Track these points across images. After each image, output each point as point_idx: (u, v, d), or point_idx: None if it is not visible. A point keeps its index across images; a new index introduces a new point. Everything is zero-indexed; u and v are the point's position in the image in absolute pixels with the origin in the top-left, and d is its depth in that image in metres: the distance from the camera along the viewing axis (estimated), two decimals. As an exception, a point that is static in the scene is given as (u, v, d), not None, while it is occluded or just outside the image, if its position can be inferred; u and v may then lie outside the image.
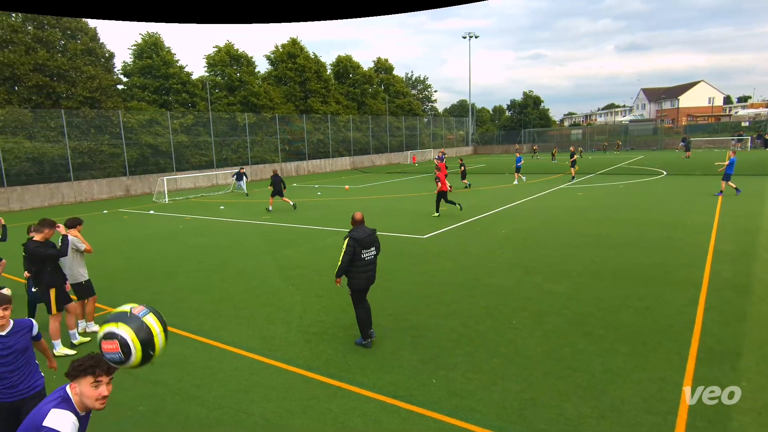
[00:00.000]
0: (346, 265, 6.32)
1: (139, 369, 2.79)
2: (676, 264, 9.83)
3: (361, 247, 6.33)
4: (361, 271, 6.37)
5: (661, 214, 15.33)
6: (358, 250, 6.30)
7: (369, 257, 6.43)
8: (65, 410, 2.50)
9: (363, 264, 6.36)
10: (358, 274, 6.37)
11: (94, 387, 2.60)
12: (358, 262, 6.33)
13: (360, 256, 6.32)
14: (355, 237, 6.31)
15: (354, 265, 6.33)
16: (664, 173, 29.06)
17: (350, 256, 6.28)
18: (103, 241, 14.78)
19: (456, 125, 73.70)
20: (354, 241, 6.29)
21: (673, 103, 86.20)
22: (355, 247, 6.28)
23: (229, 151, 37.73)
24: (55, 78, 29.44)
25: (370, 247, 6.44)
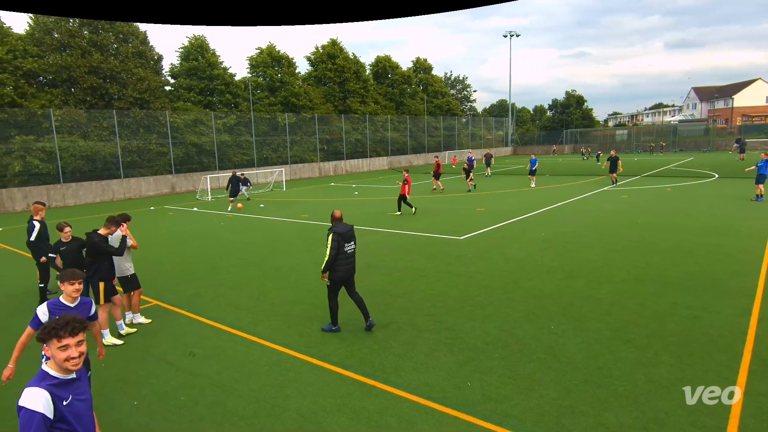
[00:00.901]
0: (333, 258, 6.84)
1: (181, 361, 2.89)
2: (727, 272, 9.35)
3: (344, 241, 6.90)
4: (343, 264, 6.92)
5: (712, 219, 14.63)
6: (342, 243, 6.85)
7: (350, 250, 7.02)
8: (36, 387, 2.60)
9: (346, 257, 6.94)
10: (341, 266, 6.91)
11: (62, 350, 2.65)
12: (341, 255, 6.89)
13: (343, 250, 6.88)
14: (338, 232, 6.88)
15: (338, 258, 6.87)
16: (715, 176, 27.72)
17: (336, 250, 6.82)
18: (149, 237, 15.39)
19: (495, 125, 72.67)
20: (338, 236, 6.84)
21: (726, 103, 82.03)
22: (339, 241, 6.83)
23: (270, 150, 38.52)
24: (108, 80, 30.85)
25: (350, 240, 7.02)
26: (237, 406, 5.27)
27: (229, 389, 5.64)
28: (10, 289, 10.21)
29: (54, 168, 26.49)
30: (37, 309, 4.35)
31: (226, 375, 5.99)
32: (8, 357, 6.61)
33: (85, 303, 4.53)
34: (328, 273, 6.95)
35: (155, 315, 8.24)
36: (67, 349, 2.65)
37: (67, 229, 7.54)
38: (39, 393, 2.56)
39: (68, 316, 2.74)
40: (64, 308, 4.36)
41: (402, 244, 12.86)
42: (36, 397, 2.54)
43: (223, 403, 5.33)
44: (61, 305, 4.37)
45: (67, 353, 2.65)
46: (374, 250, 12.36)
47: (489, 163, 34.11)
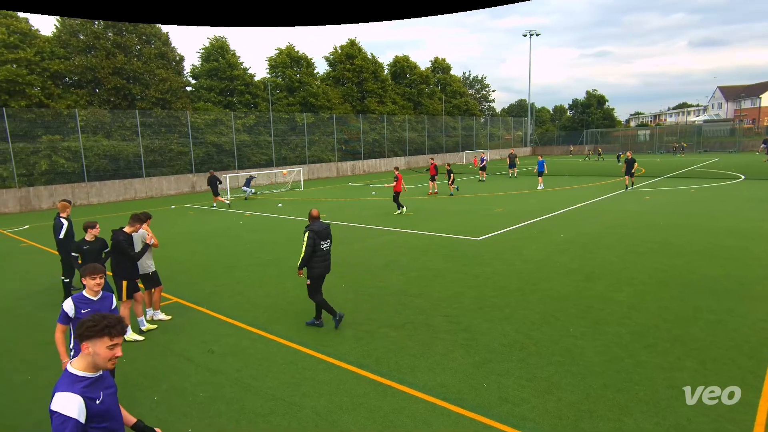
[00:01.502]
0: (309, 255, 7.01)
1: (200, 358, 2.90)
2: (754, 276, 9.11)
3: (320, 239, 7.07)
4: (320, 261, 7.11)
5: (738, 222, 14.27)
6: (317, 241, 7.03)
7: (326, 248, 7.18)
8: (69, 392, 2.57)
9: (322, 254, 7.12)
10: (318, 263, 7.11)
11: (110, 348, 2.67)
12: (318, 253, 7.08)
13: (319, 247, 7.06)
14: (314, 230, 7.05)
15: (314, 255, 7.06)
16: (741, 177, 27.03)
17: (312, 248, 7.00)
18: (169, 235, 15.64)
19: (514, 125, 72.02)
20: (314, 234, 7.01)
21: (753, 102, 79.93)
22: (314, 239, 7.00)
23: (288, 150, 38.82)
24: (131, 81, 31.46)
25: (326, 238, 7.18)
26: (254, 403, 5.32)
27: (247, 386, 5.70)
28: (36, 285, 10.49)
29: (79, 167, 27.13)
30: (63, 304, 4.47)
31: (244, 372, 6.05)
32: (40, 350, 6.79)
33: (107, 297, 4.66)
34: (306, 271, 7.17)
35: (175, 312, 8.38)
36: (115, 348, 2.67)
37: (92, 230, 7.51)
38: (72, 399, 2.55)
39: (116, 316, 2.74)
40: (88, 302, 4.49)
41: (418, 245, 12.84)
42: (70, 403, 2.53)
43: (241, 400, 5.39)
44: (86, 299, 4.50)
45: (113, 352, 2.67)
46: (391, 250, 12.36)
47: (514, 163, 33.39)
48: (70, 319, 4.46)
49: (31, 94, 26.78)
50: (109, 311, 4.58)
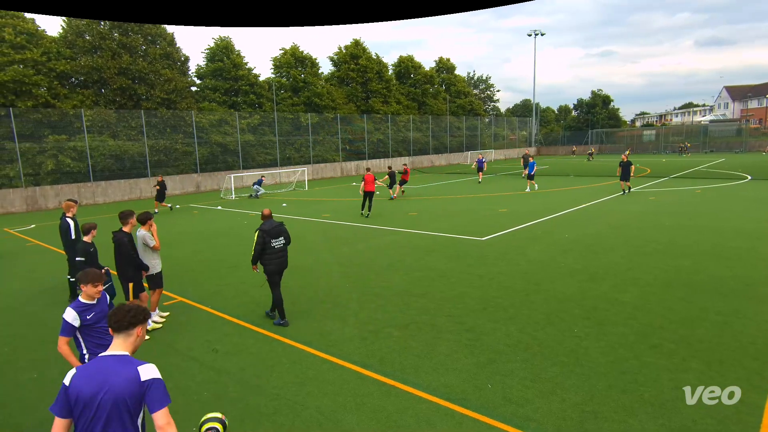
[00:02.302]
0: (258, 253, 7.37)
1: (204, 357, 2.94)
2: (761, 277, 9.05)
3: (270, 237, 7.37)
4: (272, 258, 7.41)
5: (744, 222, 14.18)
6: (267, 239, 7.34)
7: (278, 245, 7.46)
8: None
9: (273, 251, 7.41)
10: (270, 260, 7.41)
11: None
12: (269, 250, 7.37)
13: (270, 245, 7.35)
14: (264, 229, 7.37)
15: (266, 252, 7.36)
16: (748, 178, 26.86)
17: (261, 246, 7.33)
18: (174, 235, 15.70)
19: (519, 125, 71.85)
20: (263, 233, 7.33)
21: (761, 102, 79.43)
22: (264, 237, 7.32)
23: (293, 150, 38.89)
24: (137, 81, 31.59)
25: (278, 236, 7.47)
26: (259, 402, 5.33)
27: (251, 386, 5.71)
28: (42, 284, 10.55)
29: (84, 166, 27.27)
30: (65, 316, 4.40)
31: (248, 372, 6.07)
32: (47, 348, 6.83)
33: (103, 297, 4.70)
34: (262, 267, 7.49)
35: (179, 311, 8.40)
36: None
37: (94, 232, 7.57)
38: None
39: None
40: (89, 307, 4.51)
41: (422, 245, 12.83)
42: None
43: (245, 400, 5.40)
44: (86, 305, 4.50)
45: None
46: (395, 250, 12.36)
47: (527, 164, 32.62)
48: (75, 330, 4.42)
49: (37, 94, 26.93)
50: (109, 309, 4.67)
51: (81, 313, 4.44)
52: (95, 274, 4.56)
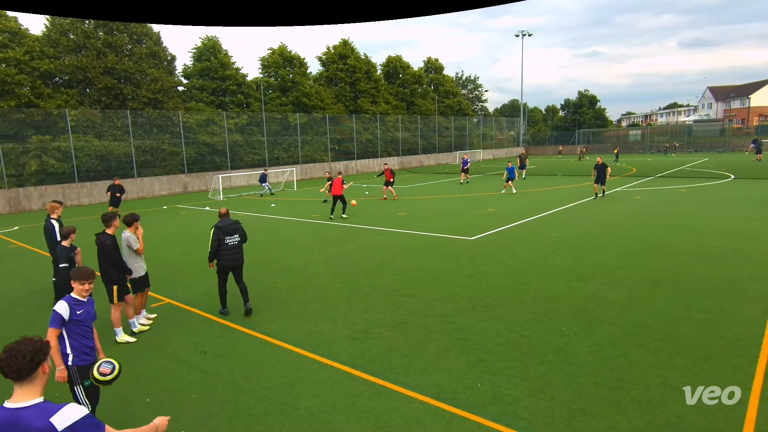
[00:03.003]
0: (215, 250, 7.73)
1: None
2: (745, 276, 9.20)
3: (225, 234, 7.73)
4: (227, 254, 7.77)
5: (728, 221, 14.41)
6: (222, 236, 7.71)
7: (232, 243, 7.80)
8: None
9: (227, 248, 7.76)
10: (224, 256, 7.77)
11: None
12: (224, 247, 7.74)
13: (225, 242, 7.71)
14: (218, 226, 7.75)
15: (221, 249, 7.73)
16: (731, 177, 27.30)
17: (217, 243, 7.70)
18: (161, 236, 15.55)
19: (507, 125, 72.27)
20: (218, 230, 7.71)
21: (743, 102, 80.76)
22: (219, 234, 7.70)
23: (281, 150, 38.72)
24: (123, 80, 31.23)
25: (233, 234, 7.80)
26: (248, 404, 5.30)
27: (240, 387, 5.67)
28: (29, 286, 10.38)
29: (69, 167, 26.88)
30: (56, 307, 4.41)
31: (237, 373, 6.03)
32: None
33: (92, 300, 4.74)
34: (217, 261, 7.81)
35: (168, 313, 8.32)
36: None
37: (73, 236, 7.43)
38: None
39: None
40: (80, 303, 4.55)
41: (413, 245, 12.85)
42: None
43: (234, 401, 5.37)
44: (78, 300, 4.55)
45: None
46: (385, 250, 12.37)
47: (524, 164, 31.86)
48: (65, 323, 4.42)
49: (20, 93, 26.50)
50: (95, 314, 4.74)
51: (72, 307, 4.46)
52: (85, 272, 4.58)
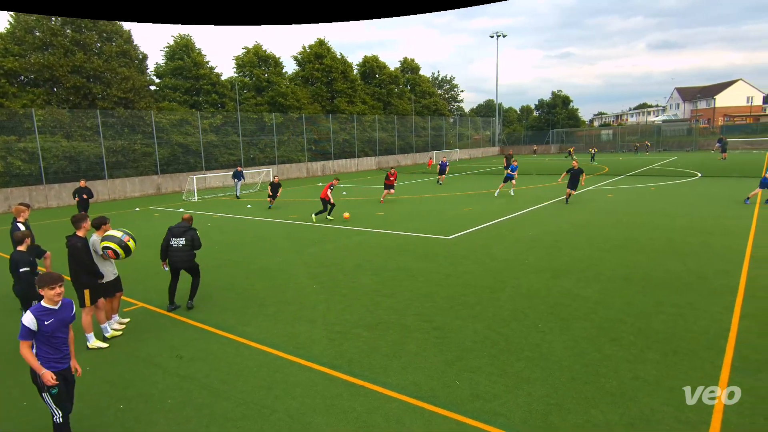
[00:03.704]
0: (163, 249, 8.27)
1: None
2: (712, 270, 9.51)
3: (172, 236, 8.25)
4: (173, 255, 8.24)
5: (696, 218, 14.87)
6: (168, 237, 8.26)
7: (176, 245, 8.24)
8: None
9: (172, 250, 8.24)
10: (171, 257, 8.26)
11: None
12: (170, 248, 8.24)
13: (169, 243, 8.23)
14: (170, 228, 8.34)
15: (169, 249, 8.25)
16: (698, 175, 28.17)
17: (165, 243, 8.27)
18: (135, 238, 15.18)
19: (482, 125, 73.04)
20: (168, 231, 8.30)
21: (708, 103, 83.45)
22: (168, 235, 8.28)
23: (257, 150, 38.30)
24: (92, 79, 30.41)
25: (179, 237, 8.24)
26: (225, 408, 5.23)
27: (217, 391, 5.59)
28: (-8, 292, 10.01)
29: (36, 168, 26.05)
30: (23, 319, 4.17)
31: (214, 377, 5.94)
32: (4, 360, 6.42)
33: (66, 304, 4.46)
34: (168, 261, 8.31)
35: (142, 317, 8.14)
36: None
37: (28, 241, 7.24)
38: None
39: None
40: (49, 312, 4.28)
41: (391, 245, 12.87)
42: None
43: (211, 406, 5.29)
44: (47, 309, 4.28)
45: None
46: (363, 250, 12.36)
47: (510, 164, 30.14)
48: (34, 334, 4.20)
49: (-17, 92, 25.58)
50: (70, 319, 4.46)
51: (39, 318, 4.20)
52: (51, 276, 4.32)
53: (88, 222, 7.19)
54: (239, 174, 26.61)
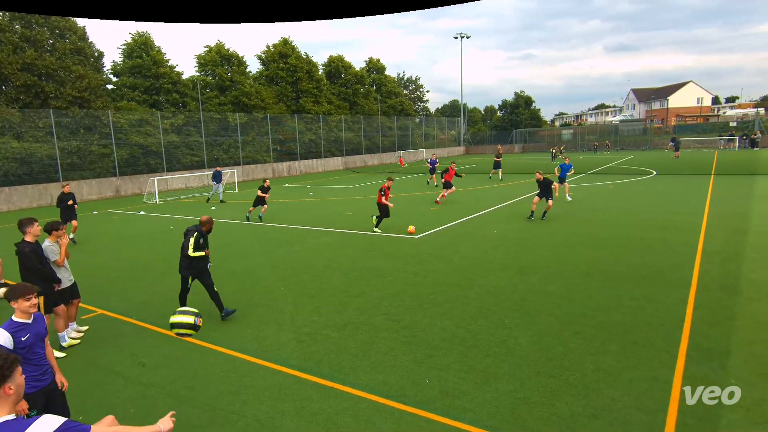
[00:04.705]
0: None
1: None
2: (668, 264, 9.92)
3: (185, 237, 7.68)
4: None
5: (652, 215, 15.47)
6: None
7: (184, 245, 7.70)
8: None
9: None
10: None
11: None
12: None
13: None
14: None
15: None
16: (654, 173, 29.32)
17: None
18: (93, 243, 14.65)
19: (448, 125, 73.85)
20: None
21: (662, 104, 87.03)
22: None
23: (221, 151, 37.52)
24: (44, 77, 29.10)
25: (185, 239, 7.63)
26: (191, 415, 5.10)
27: (183, 398, 5.45)
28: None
29: (-16, 171, 24.74)
30: None
31: (179, 384, 5.79)
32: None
33: (38, 316, 4.18)
34: None
35: (101, 324, 7.86)
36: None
37: None
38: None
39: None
40: (24, 327, 3.96)
41: (359, 245, 12.86)
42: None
43: (177, 414, 5.13)
44: (21, 325, 3.96)
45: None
46: (331, 251, 12.29)
47: (499, 164, 29.36)
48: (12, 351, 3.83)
49: (-76, 91, 24.09)
50: (45, 332, 4.18)
51: (15, 334, 3.87)
52: (22, 286, 4.03)
53: (34, 226, 6.75)
54: (219, 175, 24.25)
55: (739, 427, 4.53)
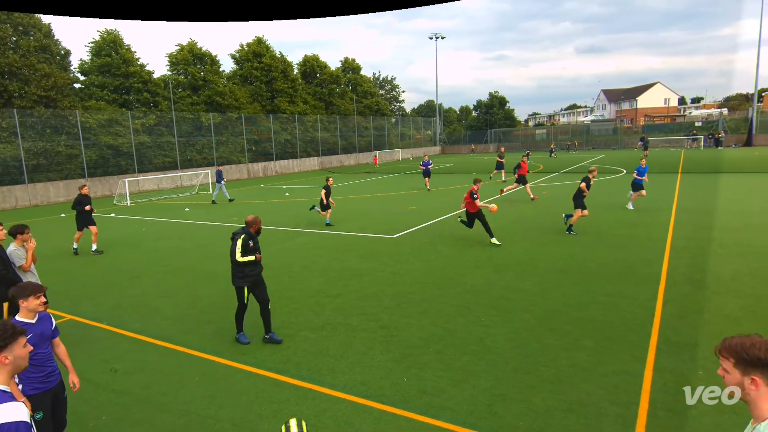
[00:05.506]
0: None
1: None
2: (638, 260, 10.17)
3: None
4: None
5: (622, 212, 15.85)
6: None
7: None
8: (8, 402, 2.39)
9: None
10: None
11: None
12: None
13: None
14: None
15: None
16: (624, 172, 30.04)
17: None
18: (62, 247, 14.23)
19: (424, 125, 74.20)
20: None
21: (631, 104, 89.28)
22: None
23: (194, 151, 36.88)
24: (7, 76, 28.09)
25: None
26: (165, 421, 5.00)
27: (157, 404, 5.33)
28: None
29: (-57, 173, 23.74)
30: None
31: (153, 389, 5.66)
32: None
33: (44, 316, 4.06)
34: None
35: (70, 330, 7.61)
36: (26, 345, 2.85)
37: None
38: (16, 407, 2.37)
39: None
40: (27, 327, 3.78)
41: (337, 245, 12.81)
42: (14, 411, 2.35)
43: (151, 420, 5.03)
44: (25, 324, 3.82)
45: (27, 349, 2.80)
46: (309, 251, 12.21)
47: (502, 165, 27.79)
48: None
49: None
50: (51, 333, 4.11)
51: None
52: (29, 285, 3.92)
53: (3, 234, 6.58)
54: (221, 174, 23.91)
55: (706, 416, 4.67)
